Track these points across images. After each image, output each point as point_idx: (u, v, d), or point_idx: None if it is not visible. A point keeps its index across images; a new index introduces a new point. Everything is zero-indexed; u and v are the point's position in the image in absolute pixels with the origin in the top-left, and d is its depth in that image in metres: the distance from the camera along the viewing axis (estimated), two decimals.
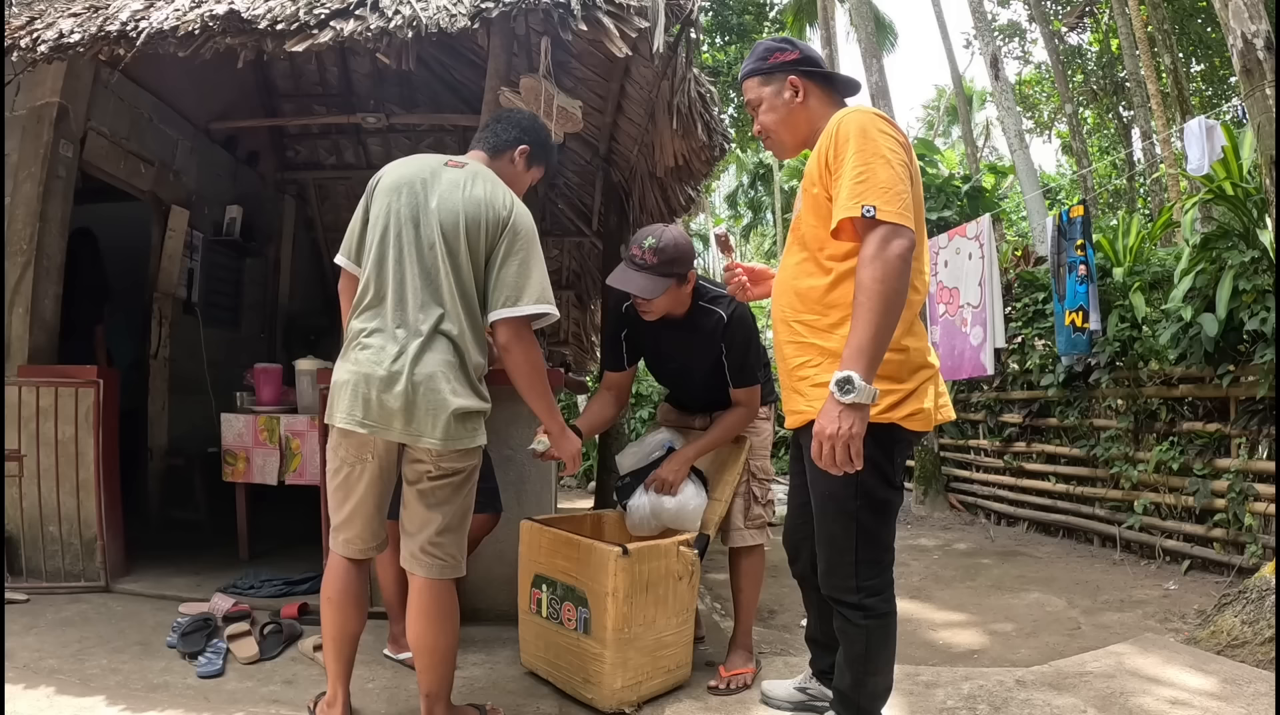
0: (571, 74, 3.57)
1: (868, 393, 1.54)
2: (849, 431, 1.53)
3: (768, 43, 1.93)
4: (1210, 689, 2.35)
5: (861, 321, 1.58)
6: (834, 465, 1.56)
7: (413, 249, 1.90)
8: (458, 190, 1.93)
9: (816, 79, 1.89)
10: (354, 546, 1.97)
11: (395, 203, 1.94)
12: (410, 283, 1.89)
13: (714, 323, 2.41)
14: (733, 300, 2.40)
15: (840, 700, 1.86)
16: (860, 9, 8.71)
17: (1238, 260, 3.89)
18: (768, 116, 1.91)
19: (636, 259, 2.33)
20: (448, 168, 2.01)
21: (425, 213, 1.91)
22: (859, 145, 1.66)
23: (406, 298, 1.89)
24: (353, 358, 1.89)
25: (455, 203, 1.91)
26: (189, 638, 2.57)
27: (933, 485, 6.65)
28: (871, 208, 1.60)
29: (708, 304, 2.44)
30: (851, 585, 1.78)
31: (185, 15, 2.73)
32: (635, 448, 2.67)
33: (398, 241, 1.91)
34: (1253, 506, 3.89)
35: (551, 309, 1.95)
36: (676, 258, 2.32)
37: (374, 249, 1.94)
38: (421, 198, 1.93)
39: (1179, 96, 9.63)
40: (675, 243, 2.32)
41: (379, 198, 1.98)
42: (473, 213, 1.90)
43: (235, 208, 5.17)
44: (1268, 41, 3.30)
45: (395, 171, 2.01)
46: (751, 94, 1.92)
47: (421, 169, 1.99)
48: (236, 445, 3.67)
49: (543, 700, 2.32)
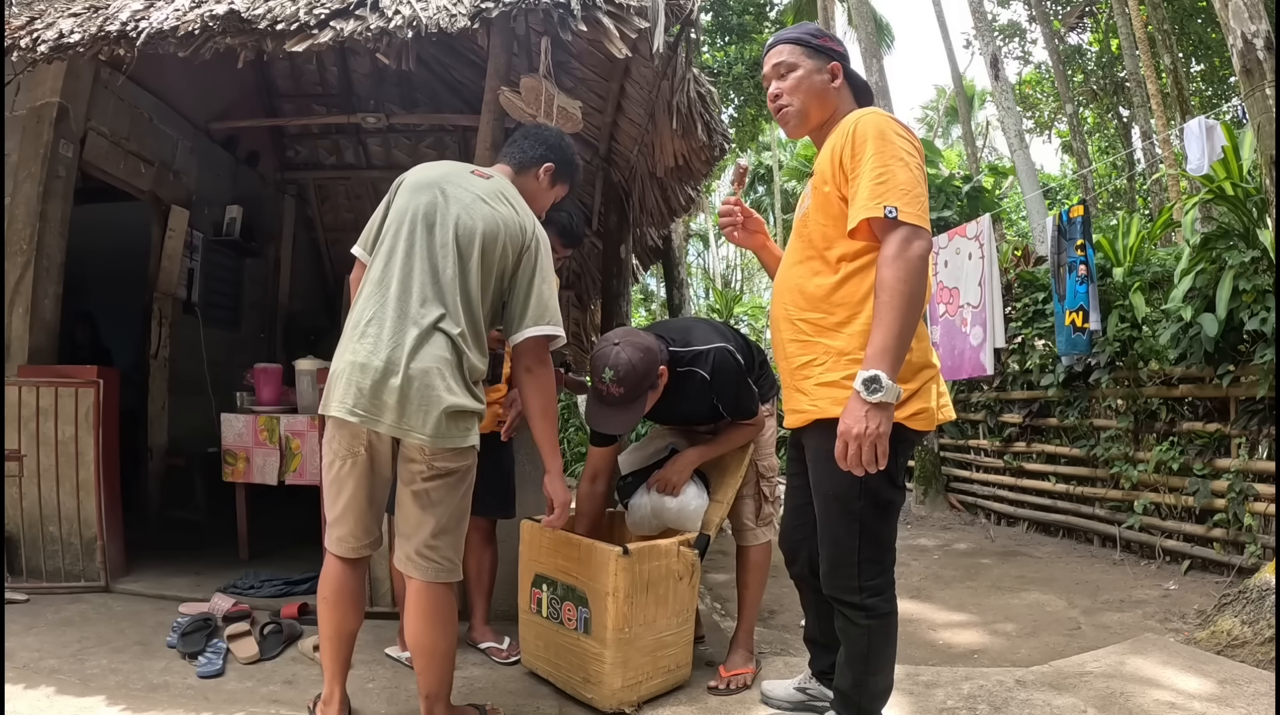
0: (571, 74, 3.57)
1: (894, 392, 1.56)
2: (875, 430, 1.55)
3: (816, 27, 1.96)
4: (1210, 689, 2.35)
5: (885, 321, 1.59)
6: (859, 465, 1.57)
7: (424, 247, 1.91)
8: (481, 202, 1.95)
9: (848, 77, 1.93)
10: (346, 545, 1.97)
11: (416, 200, 1.96)
12: (417, 278, 1.89)
13: (698, 383, 2.35)
14: (709, 353, 2.33)
15: (841, 700, 1.86)
16: (860, 9, 8.71)
17: (1238, 260, 3.89)
18: (800, 86, 1.88)
19: (604, 395, 2.24)
20: (474, 176, 2.03)
21: (444, 215, 1.93)
22: (877, 147, 1.68)
23: (411, 292, 1.89)
24: (350, 348, 1.89)
25: (477, 212, 1.93)
26: (189, 638, 2.57)
27: (933, 485, 6.65)
28: (893, 208, 1.62)
29: (687, 368, 2.36)
30: (854, 585, 1.78)
31: (185, 15, 2.73)
32: (638, 448, 2.67)
33: (410, 237, 1.92)
34: (1253, 506, 3.89)
35: (561, 332, 2.00)
36: (643, 376, 2.21)
37: (386, 242, 1.95)
38: (441, 201, 1.95)
39: (1179, 96, 9.63)
40: (632, 364, 2.18)
41: (401, 195, 2.00)
42: (493, 228, 1.92)
43: (235, 208, 5.18)
44: (1268, 41, 3.30)
45: (421, 173, 2.04)
46: (787, 58, 1.89)
47: (448, 174, 2.02)
48: (236, 445, 3.67)
49: (543, 700, 2.32)
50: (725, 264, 28.65)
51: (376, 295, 1.91)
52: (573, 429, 11.00)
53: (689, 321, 2.61)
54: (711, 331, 2.44)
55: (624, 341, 2.23)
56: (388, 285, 1.90)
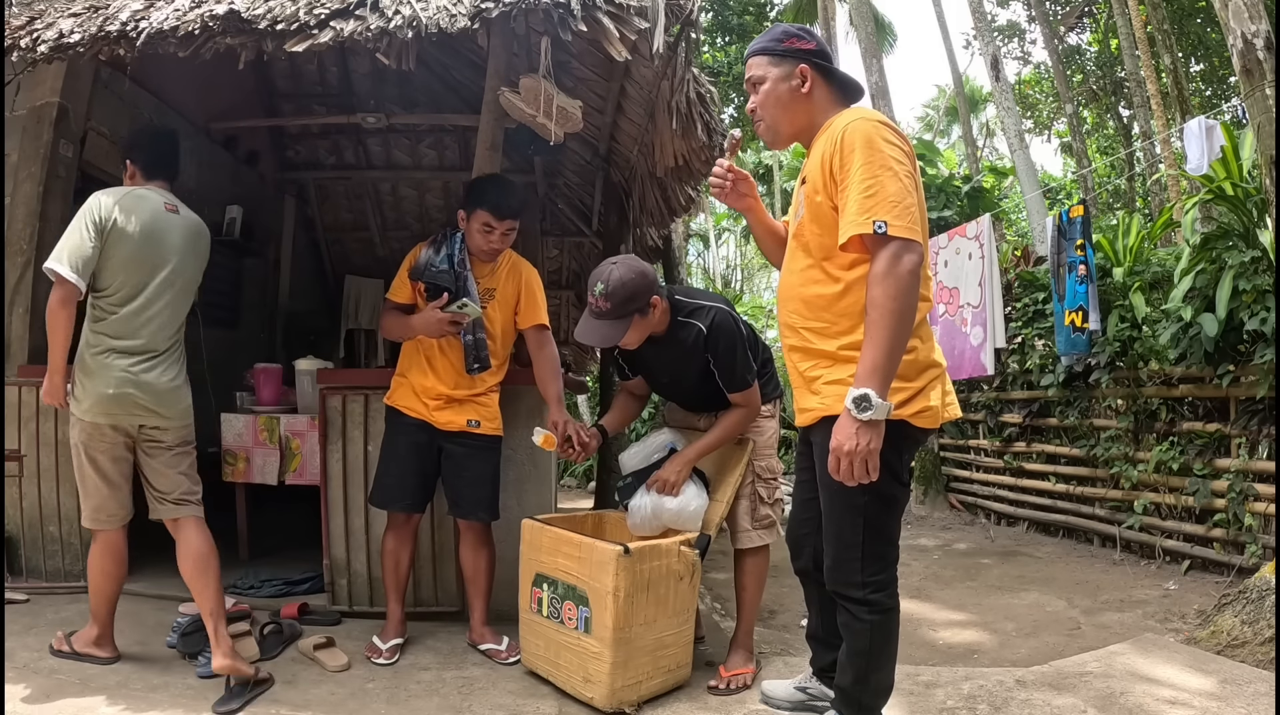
0: (571, 74, 3.57)
1: (884, 409, 1.56)
2: (866, 447, 1.56)
3: (786, 27, 1.90)
4: (1210, 689, 2.35)
5: (875, 339, 1.59)
6: (851, 479, 1.59)
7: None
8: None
9: (825, 75, 1.86)
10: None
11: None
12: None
13: (694, 336, 2.40)
14: (711, 311, 2.40)
15: (842, 697, 1.86)
16: (860, 9, 8.71)
17: (1238, 260, 3.89)
18: (768, 99, 1.86)
19: (594, 308, 2.31)
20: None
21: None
22: (866, 157, 1.64)
23: None
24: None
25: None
26: (189, 638, 2.56)
27: (933, 485, 6.65)
28: (883, 223, 1.60)
29: (686, 318, 2.42)
30: (858, 580, 1.78)
31: (185, 15, 2.72)
32: (637, 448, 2.67)
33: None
34: (1253, 506, 3.89)
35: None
36: (632, 295, 2.27)
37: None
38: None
39: (1179, 96, 9.62)
40: (623, 281, 2.25)
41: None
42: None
43: (235, 208, 5.17)
44: (1268, 41, 3.30)
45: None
46: (756, 71, 1.87)
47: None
48: (236, 445, 3.67)
49: (543, 700, 2.32)
50: (725, 264, 28.66)
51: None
52: None
53: (700, 288, 2.66)
54: (720, 298, 2.52)
55: (621, 261, 2.33)
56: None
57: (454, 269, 2.65)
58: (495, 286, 2.75)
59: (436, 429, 2.68)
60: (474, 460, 2.70)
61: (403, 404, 2.72)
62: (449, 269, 2.65)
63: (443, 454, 2.71)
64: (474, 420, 2.69)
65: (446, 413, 2.68)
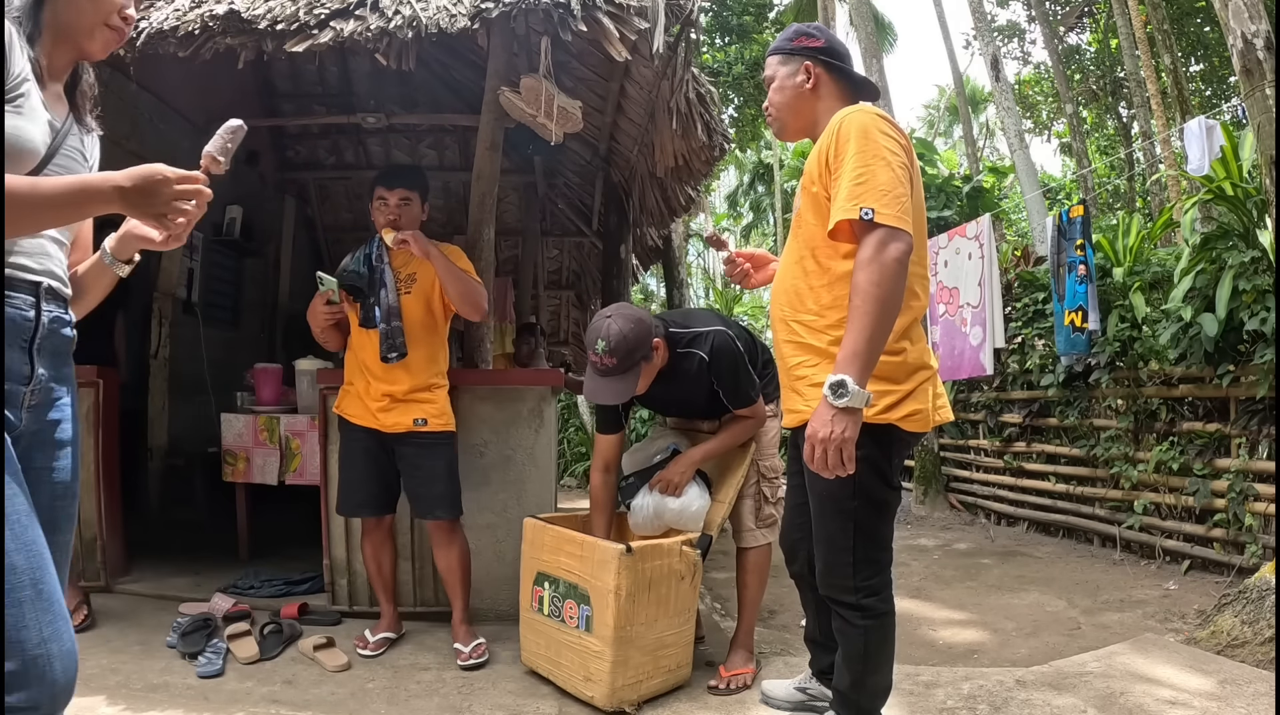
0: (571, 74, 3.57)
1: (861, 397, 1.53)
2: (841, 435, 1.52)
3: (799, 26, 1.96)
4: (1209, 689, 2.35)
5: (856, 325, 1.57)
6: (825, 468, 1.56)
7: None
8: None
9: (834, 72, 1.88)
10: None
11: None
12: None
13: (697, 365, 2.39)
14: (709, 336, 2.39)
15: (840, 700, 1.86)
16: (860, 9, 8.71)
17: (1238, 260, 3.89)
18: (777, 96, 1.92)
19: (599, 367, 2.28)
20: None
21: None
22: (859, 146, 1.65)
23: None
24: None
25: None
26: (189, 638, 2.57)
27: (933, 485, 6.65)
28: (870, 210, 1.59)
29: (686, 349, 2.40)
30: (850, 585, 1.78)
31: (185, 15, 2.73)
32: (640, 448, 2.67)
33: None
34: (1253, 506, 3.89)
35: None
36: (635, 346, 2.24)
37: None
38: None
39: (1179, 96, 9.62)
40: (623, 334, 2.23)
41: None
42: None
43: (235, 208, 5.17)
44: (1268, 41, 3.30)
45: None
46: (769, 71, 1.95)
47: None
48: (236, 445, 3.67)
49: (543, 700, 2.32)
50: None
51: None
52: (573, 429, 10.99)
53: (690, 309, 2.64)
54: (712, 317, 2.50)
55: (616, 313, 2.29)
56: None
57: (371, 265, 2.70)
58: (415, 271, 2.72)
59: (385, 433, 2.66)
60: (425, 458, 2.67)
61: (348, 412, 2.73)
62: (363, 268, 2.71)
63: (395, 456, 2.70)
64: (420, 418, 2.66)
65: (392, 415, 2.64)
